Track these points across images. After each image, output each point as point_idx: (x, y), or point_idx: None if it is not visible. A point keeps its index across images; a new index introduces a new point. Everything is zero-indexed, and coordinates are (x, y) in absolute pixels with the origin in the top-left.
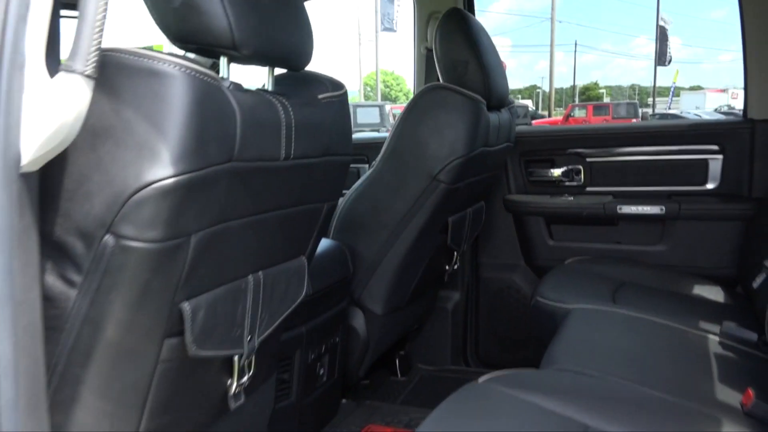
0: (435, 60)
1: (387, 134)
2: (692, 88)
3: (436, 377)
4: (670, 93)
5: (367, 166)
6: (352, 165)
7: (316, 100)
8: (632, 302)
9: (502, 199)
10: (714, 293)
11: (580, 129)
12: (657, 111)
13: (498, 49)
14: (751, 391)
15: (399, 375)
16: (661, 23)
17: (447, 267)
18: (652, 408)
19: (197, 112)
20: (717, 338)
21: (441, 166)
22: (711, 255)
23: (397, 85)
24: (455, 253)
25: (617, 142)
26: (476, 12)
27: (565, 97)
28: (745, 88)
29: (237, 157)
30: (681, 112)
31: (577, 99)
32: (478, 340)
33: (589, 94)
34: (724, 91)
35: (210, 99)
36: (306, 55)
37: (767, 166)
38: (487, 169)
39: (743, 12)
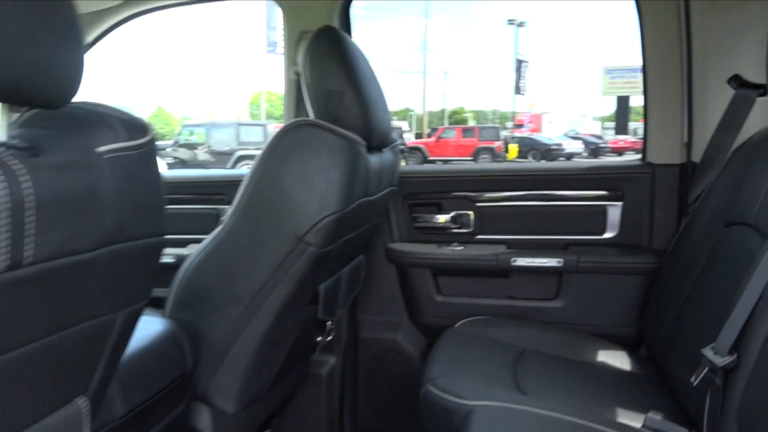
0: (304, 89)
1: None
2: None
3: None
4: (526, 119)
5: (228, 207)
6: (210, 206)
7: (91, 157)
8: (539, 387)
9: (384, 247)
10: (620, 361)
11: (470, 170)
12: (515, 135)
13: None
14: None
15: None
16: (520, 57)
17: (319, 338)
18: None
19: None
20: None
21: (309, 225)
22: (611, 312)
23: (282, 105)
24: (329, 323)
25: (510, 185)
26: (354, 36)
27: (435, 119)
28: (645, 131)
29: None
30: (535, 136)
31: (446, 122)
32: (357, 408)
33: (456, 117)
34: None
35: None
36: (68, 85)
37: (668, 214)
38: (367, 220)
39: (645, 59)
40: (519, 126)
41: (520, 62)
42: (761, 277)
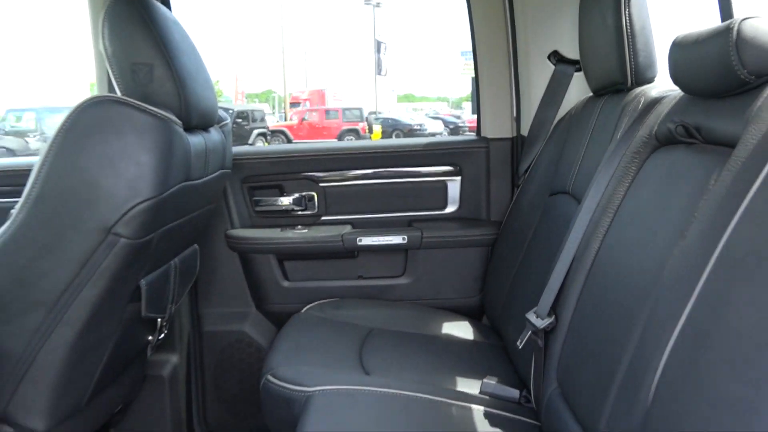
0: (108, 63)
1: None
2: (406, 96)
3: None
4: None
5: None
6: (13, 200)
7: None
8: (383, 366)
9: (224, 234)
10: (463, 331)
11: (311, 149)
12: (379, 115)
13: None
14: None
15: None
16: (378, 38)
17: (150, 338)
18: None
19: None
20: (480, 408)
21: (118, 215)
22: (455, 285)
23: None
24: (160, 320)
25: (353, 163)
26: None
27: None
28: (478, 108)
29: None
30: (399, 117)
31: (309, 103)
32: (206, 408)
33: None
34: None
35: None
36: None
37: (502, 186)
38: (194, 207)
39: (474, 33)
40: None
41: (379, 43)
42: (574, 241)
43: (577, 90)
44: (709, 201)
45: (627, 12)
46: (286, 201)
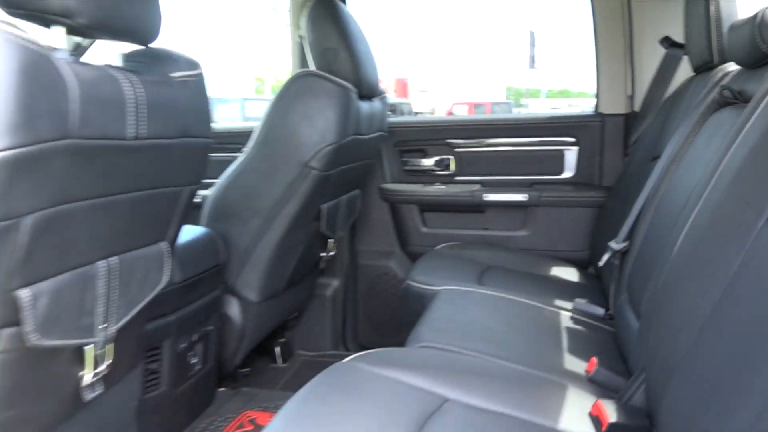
0: (307, 48)
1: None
2: (561, 92)
3: (315, 362)
4: (542, 95)
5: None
6: (228, 154)
7: (169, 79)
8: (496, 283)
9: (378, 187)
10: (569, 274)
11: (450, 120)
12: (530, 112)
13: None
14: (595, 359)
15: (279, 362)
16: (532, 30)
17: (323, 254)
18: (506, 378)
19: (23, 81)
20: (569, 314)
21: (312, 153)
22: (567, 239)
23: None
24: (330, 241)
25: (483, 133)
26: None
27: None
28: (597, 86)
29: (76, 134)
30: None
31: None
32: (357, 325)
33: None
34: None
35: (37, 70)
36: (153, 28)
37: (615, 156)
38: (360, 157)
39: (595, 19)
40: None
41: (533, 34)
42: (649, 186)
43: (685, 71)
44: (724, 142)
45: (716, 2)
46: (428, 162)
